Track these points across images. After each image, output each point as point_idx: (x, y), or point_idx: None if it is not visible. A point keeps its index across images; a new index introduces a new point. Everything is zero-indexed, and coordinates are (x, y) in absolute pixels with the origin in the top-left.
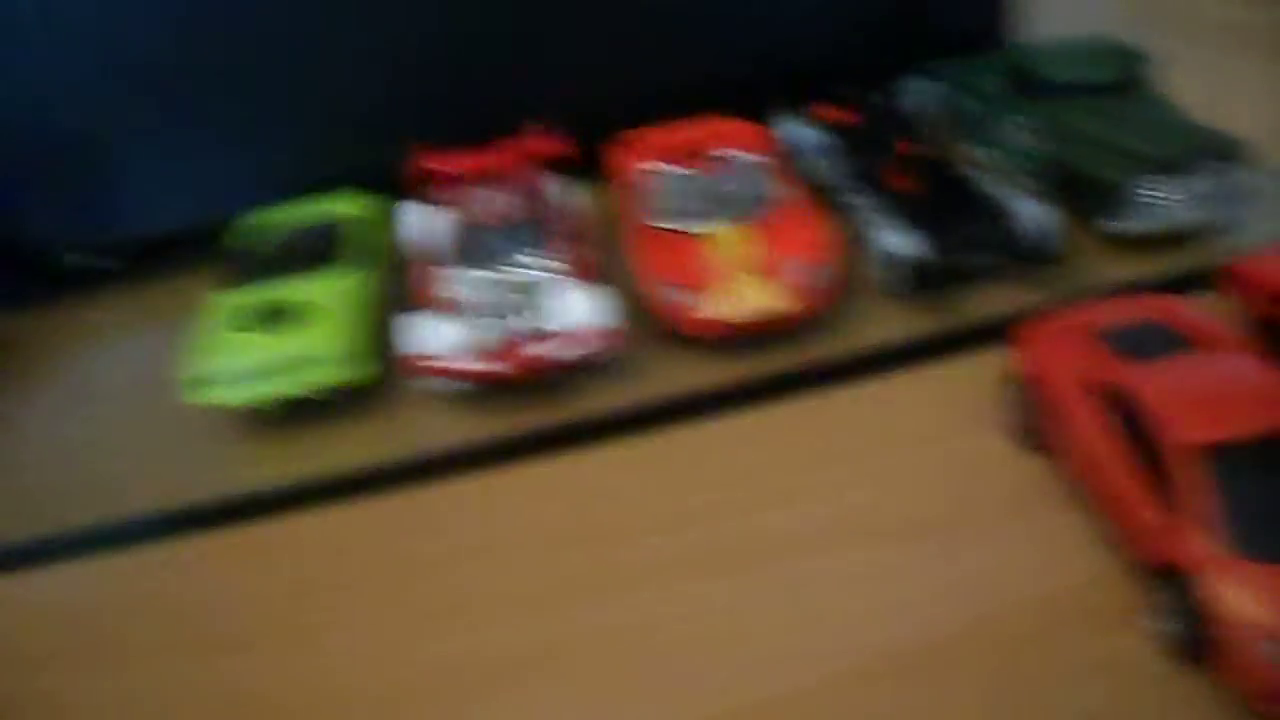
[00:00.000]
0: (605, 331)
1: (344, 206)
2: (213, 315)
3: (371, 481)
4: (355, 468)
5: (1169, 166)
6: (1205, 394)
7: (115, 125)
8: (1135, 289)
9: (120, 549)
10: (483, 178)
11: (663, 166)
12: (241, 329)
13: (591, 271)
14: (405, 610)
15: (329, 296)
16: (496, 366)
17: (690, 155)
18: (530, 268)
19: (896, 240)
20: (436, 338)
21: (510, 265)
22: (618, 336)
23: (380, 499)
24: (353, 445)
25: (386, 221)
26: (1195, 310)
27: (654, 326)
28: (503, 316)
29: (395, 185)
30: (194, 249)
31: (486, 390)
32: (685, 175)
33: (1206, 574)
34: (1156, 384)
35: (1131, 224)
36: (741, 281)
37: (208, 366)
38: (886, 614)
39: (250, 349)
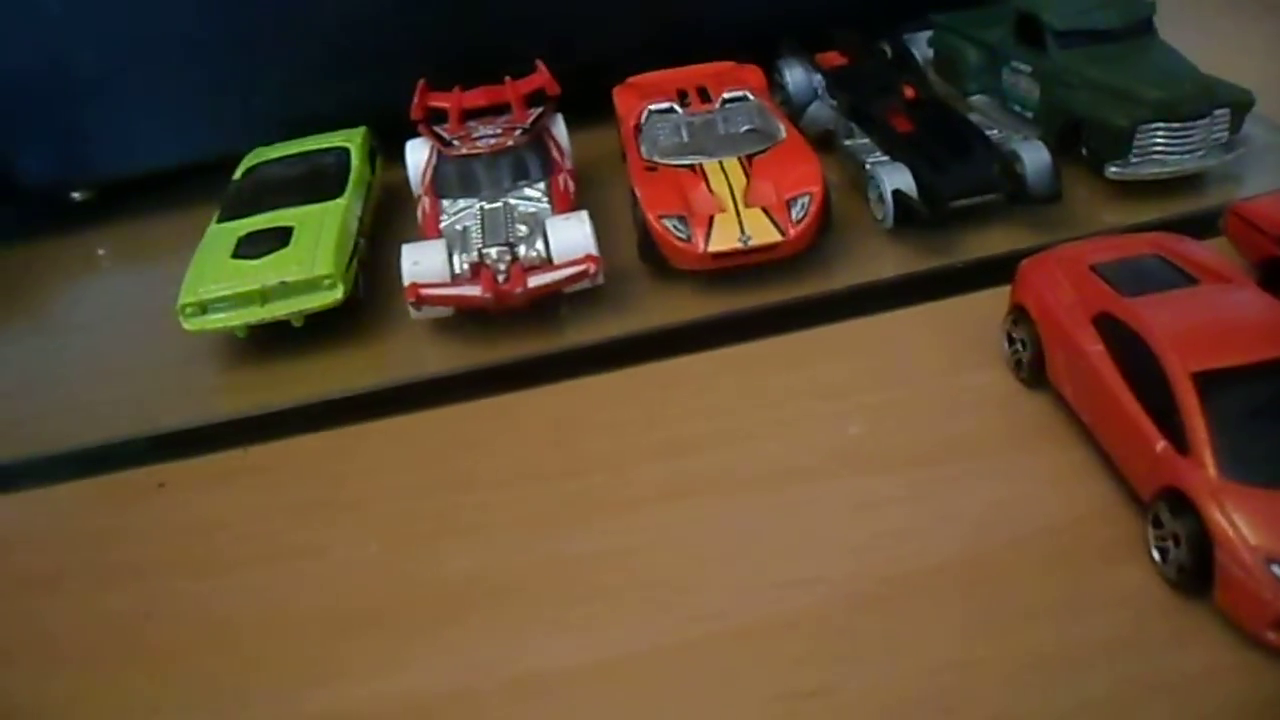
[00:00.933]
0: (589, 259)
1: (345, 142)
2: (208, 244)
3: (362, 406)
4: (344, 393)
5: (1175, 113)
6: (1206, 324)
7: (119, 67)
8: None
9: (110, 471)
10: (480, 113)
11: (663, 105)
12: (235, 257)
13: (572, 201)
14: (396, 535)
15: (323, 226)
16: (483, 293)
17: (691, 95)
18: (519, 198)
19: (897, 179)
20: (426, 266)
21: (500, 196)
22: (601, 264)
23: (370, 425)
24: (344, 371)
25: (386, 156)
26: (1196, 246)
27: (652, 259)
28: (491, 245)
29: (399, 121)
30: (198, 185)
31: (479, 319)
32: (684, 113)
33: (1209, 500)
34: (1157, 315)
35: (1135, 169)
36: (738, 214)
37: (201, 293)
38: (883, 542)
39: (243, 275)
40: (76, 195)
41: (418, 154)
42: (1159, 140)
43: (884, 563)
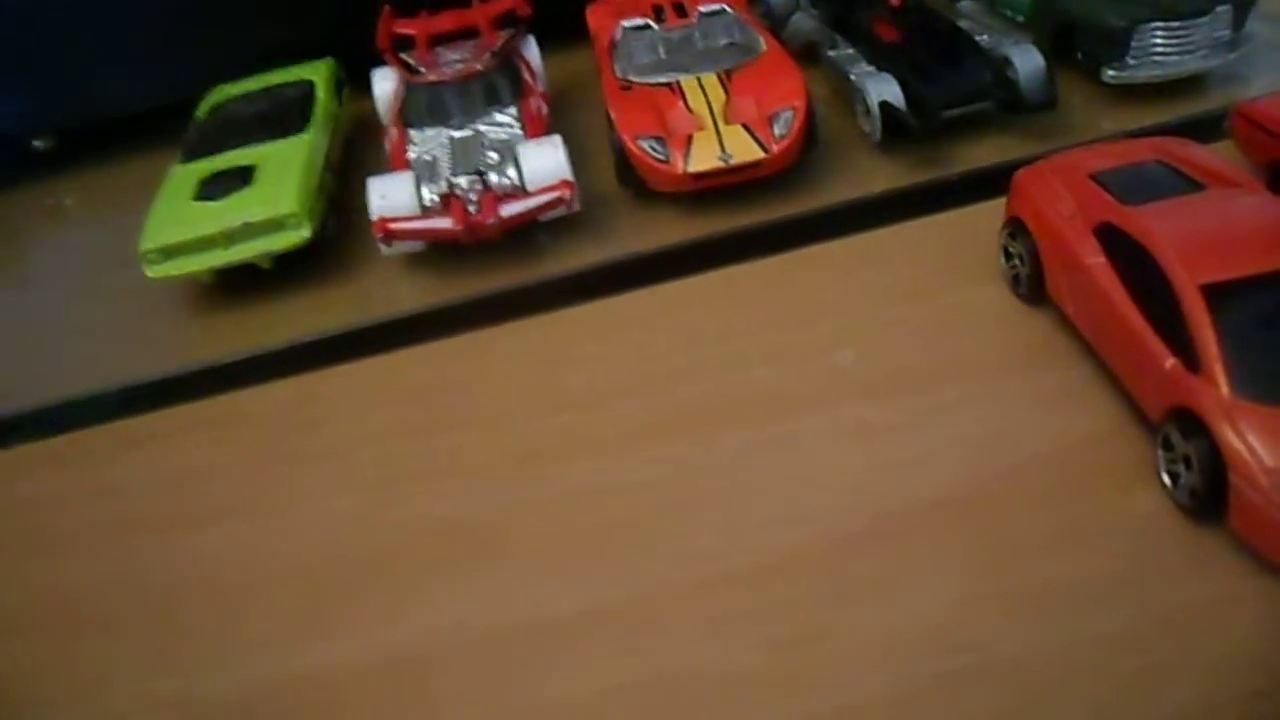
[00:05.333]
0: (563, 185)
1: (310, 75)
2: (169, 187)
3: (333, 349)
4: (315, 337)
5: (1174, 10)
6: (1214, 232)
7: (77, 10)
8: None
9: (77, 429)
10: (449, 38)
11: (638, 21)
12: (197, 199)
13: (544, 126)
14: (372, 482)
15: (287, 163)
16: (454, 226)
17: (666, 11)
18: (489, 125)
19: (884, 90)
20: (393, 199)
21: (470, 123)
22: (576, 190)
23: (342, 367)
24: (316, 312)
25: (348, 86)
26: (1200, 149)
27: (631, 182)
28: (460, 175)
29: (368, 52)
30: (168, 128)
31: (453, 251)
32: (660, 29)
33: (1221, 420)
34: (1162, 224)
35: (1133, 72)
36: (718, 132)
37: (162, 238)
38: (884, 474)
39: (205, 217)
40: (38, 144)
41: (385, 83)
42: (1158, 40)
43: (879, 497)
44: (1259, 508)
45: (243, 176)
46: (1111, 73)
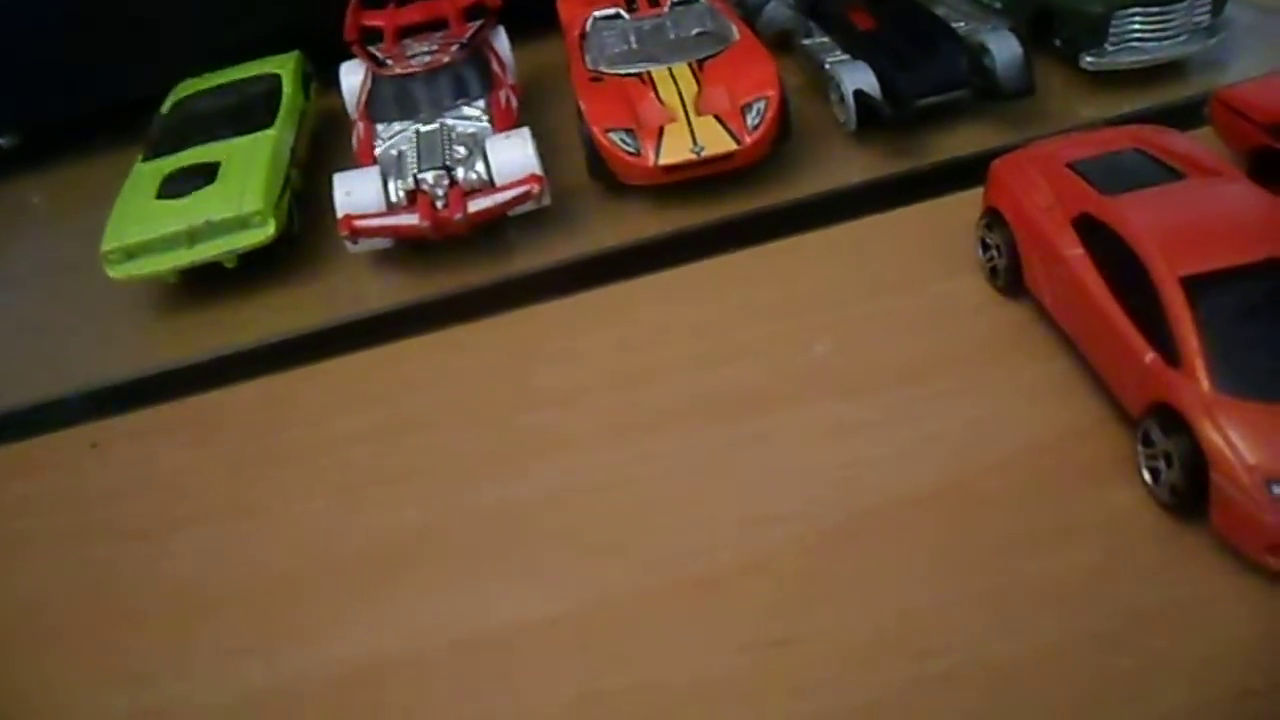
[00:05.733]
0: (532, 179)
1: (277, 69)
2: (131, 185)
3: (300, 349)
4: (281, 337)
5: None
6: (1194, 222)
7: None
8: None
9: (40, 434)
10: (417, 29)
11: (609, 10)
12: (159, 197)
13: (514, 118)
14: (340, 486)
15: (251, 159)
16: (420, 222)
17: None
18: (457, 118)
19: (859, 78)
20: (359, 196)
21: (437, 116)
22: (545, 184)
23: (309, 368)
24: (282, 311)
25: (316, 81)
26: (1180, 137)
27: (602, 175)
28: (427, 170)
29: (336, 45)
30: (130, 123)
31: (421, 248)
32: (631, 19)
33: (1202, 416)
34: (1141, 214)
35: (1112, 59)
36: (689, 123)
37: (124, 237)
38: (854, 472)
39: (167, 216)
40: (2, 141)
41: (352, 77)
42: (1136, 26)
43: (855, 495)
44: (1240, 505)
45: (206, 174)
46: (1090, 59)
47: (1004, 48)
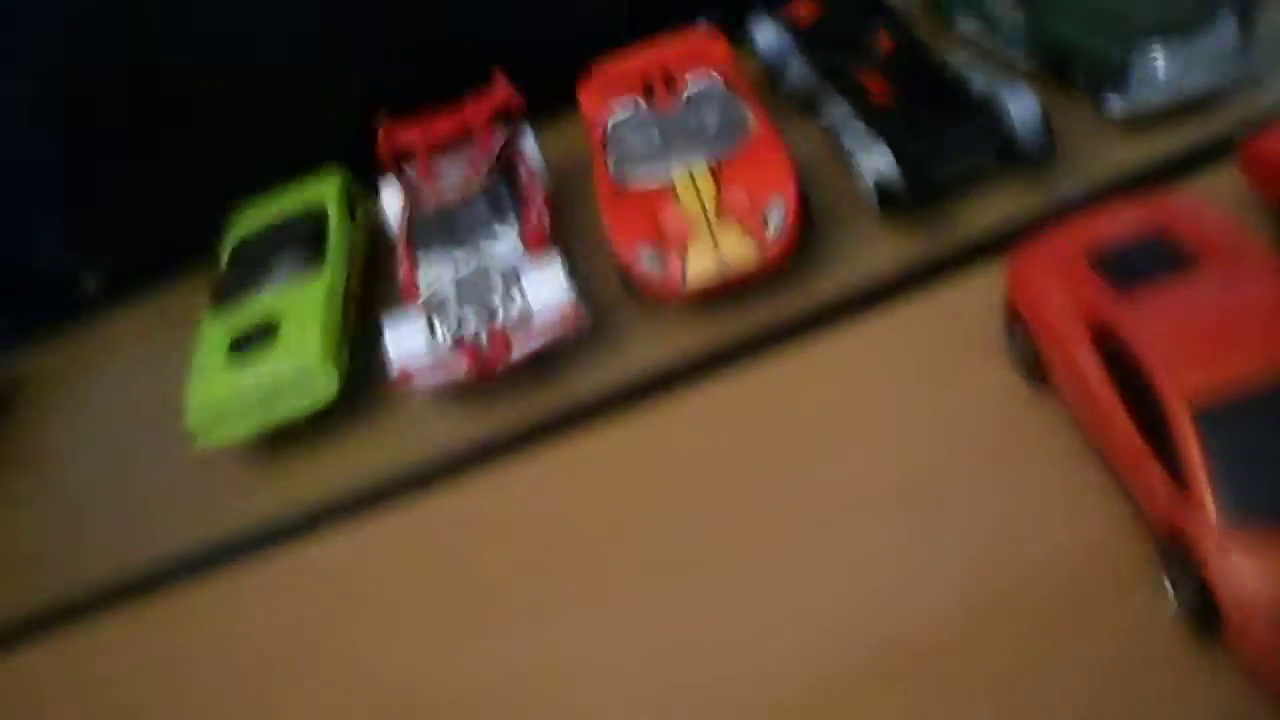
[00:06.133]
0: (569, 312)
1: (321, 194)
2: (203, 346)
3: (366, 500)
4: (354, 486)
5: (1179, 26)
6: (1203, 329)
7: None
8: (1141, 179)
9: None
10: (448, 144)
11: (626, 105)
12: (232, 361)
13: (548, 239)
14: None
15: (308, 313)
16: (467, 373)
17: (655, 84)
18: (493, 248)
19: (877, 161)
20: (408, 344)
21: (472, 245)
22: (581, 316)
23: (378, 514)
24: (349, 457)
25: (364, 203)
26: (1201, 211)
27: (632, 293)
28: (468, 312)
29: (367, 158)
30: (190, 256)
31: (467, 387)
32: (648, 117)
33: (1211, 551)
34: (1152, 324)
35: (1137, 101)
36: (714, 233)
37: (207, 410)
38: (889, 600)
39: (243, 383)
40: (91, 285)
41: (392, 196)
42: (1159, 60)
43: (887, 633)
44: (1254, 642)
45: (270, 332)
46: (1118, 105)
47: (1022, 106)
